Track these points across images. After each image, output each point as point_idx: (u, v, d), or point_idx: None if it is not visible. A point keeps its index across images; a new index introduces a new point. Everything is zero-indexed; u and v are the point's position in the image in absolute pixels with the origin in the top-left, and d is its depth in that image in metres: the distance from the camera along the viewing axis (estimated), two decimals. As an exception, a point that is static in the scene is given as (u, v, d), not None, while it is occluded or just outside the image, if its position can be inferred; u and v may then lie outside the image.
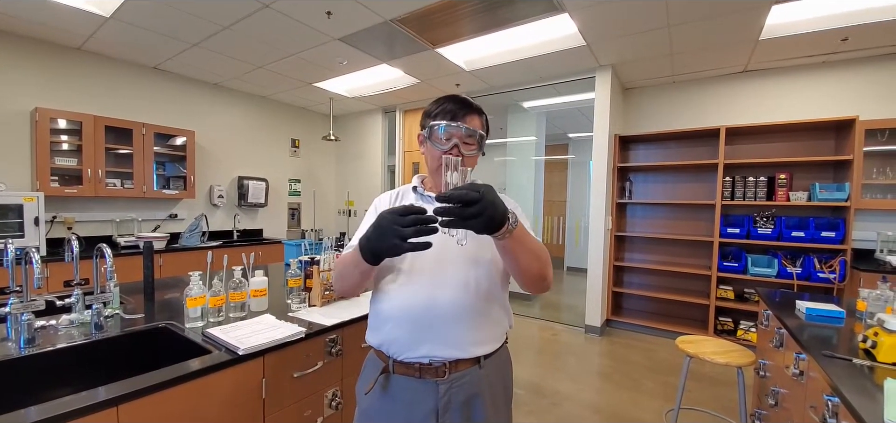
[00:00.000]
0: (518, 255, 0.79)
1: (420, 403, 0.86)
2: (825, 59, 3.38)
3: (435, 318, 0.86)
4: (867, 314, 1.53)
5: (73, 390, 0.95)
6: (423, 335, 0.86)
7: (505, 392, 0.96)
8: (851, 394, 0.94)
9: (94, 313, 1.27)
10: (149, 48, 3.50)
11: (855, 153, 3.06)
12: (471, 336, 0.88)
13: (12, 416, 0.79)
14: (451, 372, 0.86)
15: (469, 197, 0.65)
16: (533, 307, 4.94)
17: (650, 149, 4.21)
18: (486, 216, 0.66)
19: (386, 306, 0.91)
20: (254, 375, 1.19)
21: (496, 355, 0.93)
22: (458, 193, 0.66)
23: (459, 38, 3.21)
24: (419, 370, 0.86)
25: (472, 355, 0.88)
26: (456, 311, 0.86)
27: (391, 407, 0.89)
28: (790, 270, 3.33)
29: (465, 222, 0.67)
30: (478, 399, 0.88)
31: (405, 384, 0.88)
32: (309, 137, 5.66)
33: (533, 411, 2.45)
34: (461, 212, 0.66)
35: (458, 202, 0.66)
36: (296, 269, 1.69)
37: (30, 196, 2.97)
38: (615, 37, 3.10)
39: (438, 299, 0.86)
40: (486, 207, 0.66)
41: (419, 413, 0.86)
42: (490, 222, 0.67)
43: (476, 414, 0.88)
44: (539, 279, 0.84)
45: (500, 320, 0.95)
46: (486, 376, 0.90)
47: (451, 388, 0.86)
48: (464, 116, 0.93)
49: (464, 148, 0.91)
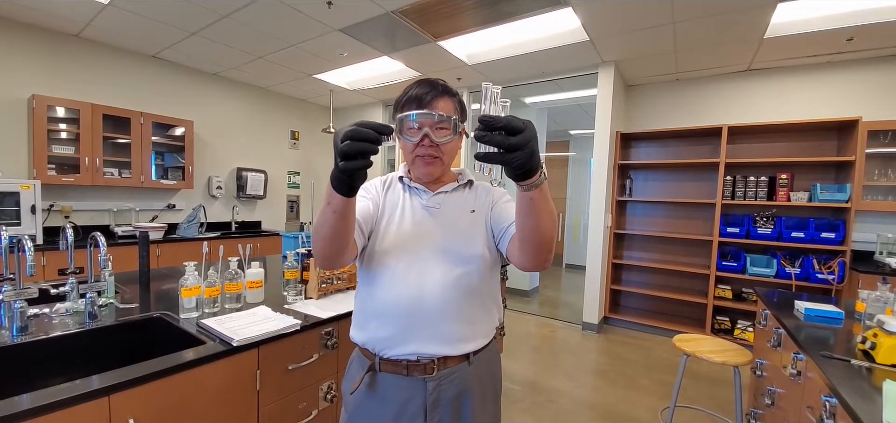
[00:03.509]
0: (541, 211, 0.69)
1: (408, 401, 0.84)
2: (830, 59, 3.36)
3: (423, 314, 0.83)
4: (866, 316, 1.53)
5: (65, 379, 0.95)
6: (410, 332, 0.83)
7: (494, 387, 0.94)
8: (849, 395, 0.93)
9: (88, 301, 1.27)
10: (147, 36, 3.47)
11: (857, 154, 3.04)
12: (460, 332, 0.85)
13: (4, 403, 0.78)
14: (440, 369, 0.84)
15: (514, 124, 0.57)
16: (531, 304, 4.95)
17: (651, 147, 4.19)
18: (528, 150, 0.58)
19: (371, 303, 0.88)
20: (248, 366, 1.18)
21: (485, 350, 0.91)
22: (504, 119, 0.57)
23: (462, 31, 3.18)
24: (407, 367, 0.84)
25: (461, 352, 0.85)
26: (444, 306, 0.83)
27: (378, 406, 0.86)
28: (789, 270, 3.33)
29: (508, 154, 0.58)
30: (467, 395, 0.86)
31: (392, 382, 0.85)
32: (309, 129, 5.63)
33: (528, 408, 2.45)
34: (505, 141, 0.57)
35: (502, 129, 0.57)
36: (292, 261, 1.68)
37: (26, 184, 2.96)
38: (619, 32, 3.07)
39: (426, 294, 0.83)
40: (529, 138, 0.58)
41: (407, 412, 0.84)
42: (530, 158, 0.59)
43: (465, 411, 0.86)
44: (548, 247, 0.76)
45: (490, 315, 0.92)
46: (476, 373, 0.88)
47: (440, 385, 0.84)
48: (432, 100, 0.86)
49: (438, 135, 0.82)
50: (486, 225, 0.90)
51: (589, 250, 3.93)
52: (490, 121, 0.58)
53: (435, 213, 0.91)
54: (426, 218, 0.90)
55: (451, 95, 0.89)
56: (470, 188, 0.96)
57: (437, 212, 0.91)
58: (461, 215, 0.91)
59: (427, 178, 0.92)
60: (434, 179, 0.93)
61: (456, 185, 0.95)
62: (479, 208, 0.92)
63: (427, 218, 0.90)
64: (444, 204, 0.92)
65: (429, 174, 0.90)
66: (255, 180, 4.78)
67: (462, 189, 0.96)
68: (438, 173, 0.92)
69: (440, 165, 0.89)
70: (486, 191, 0.96)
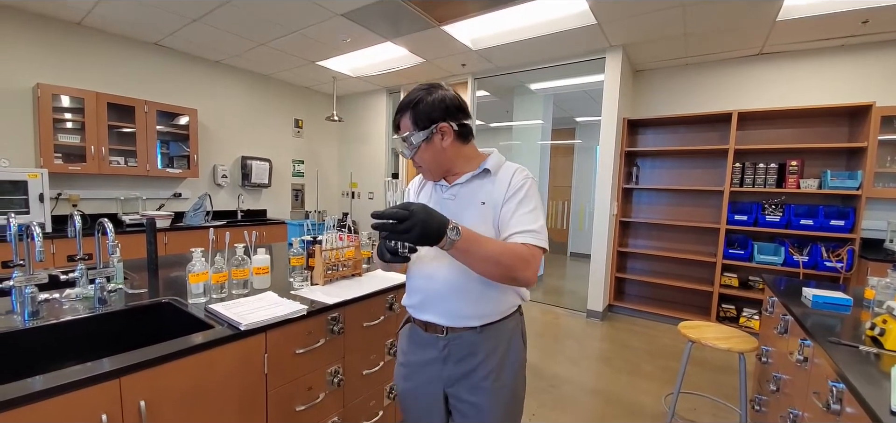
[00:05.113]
0: (470, 263, 0.88)
1: (429, 347, 1.06)
2: (843, 42, 3.27)
3: (434, 293, 1.01)
4: (875, 303, 1.51)
5: (77, 362, 0.96)
6: (425, 305, 1.04)
7: (510, 358, 1.02)
8: (857, 380, 0.92)
9: (97, 287, 1.28)
10: (148, 23, 3.45)
11: (870, 141, 2.98)
12: (463, 310, 0.99)
13: (17, 384, 0.80)
14: (449, 333, 1.01)
15: (399, 215, 0.76)
16: (535, 292, 4.96)
17: (659, 133, 4.13)
18: (415, 231, 0.76)
19: (409, 279, 1.11)
20: (256, 350, 1.19)
21: (496, 325, 1.01)
22: (390, 211, 0.77)
23: (466, 15, 3.13)
24: (425, 326, 1.06)
25: (466, 325, 0.99)
26: (451, 289, 0.98)
27: (413, 347, 1.11)
28: (797, 258, 3.30)
29: (399, 236, 0.78)
30: (476, 357, 1.00)
31: (419, 333, 1.08)
32: (312, 117, 5.61)
33: (530, 393, 2.47)
34: (393, 227, 0.77)
35: (389, 218, 0.77)
36: (298, 248, 1.68)
37: (34, 173, 2.98)
38: (627, 15, 3.00)
39: (437, 277, 1.00)
40: (415, 223, 0.76)
41: (429, 355, 1.06)
42: (422, 236, 0.78)
43: (473, 368, 1.00)
44: (505, 280, 0.93)
45: (502, 295, 1.01)
46: (486, 340, 1.00)
47: (450, 344, 1.01)
48: (398, 121, 1.00)
49: (407, 151, 1.00)
50: (494, 218, 0.97)
51: (594, 238, 3.91)
52: (378, 214, 0.78)
53: (449, 204, 1.02)
54: (442, 209, 0.97)
55: (407, 109, 0.97)
56: (487, 177, 1.01)
57: (451, 203, 1.02)
58: (471, 205, 0.99)
59: (430, 179, 1.08)
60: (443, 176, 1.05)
61: (471, 175, 1.01)
62: (490, 201, 0.98)
63: (443, 208, 0.97)
64: (458, 195, 1.02)
65: (427, 178, 1.08)
66: (259, 169, 4.80)
67: (479, 178, 1.01)
68: (432, 178, 1.05)
69: (427, 173, 1.05)
70: (502, 182, 0.99)
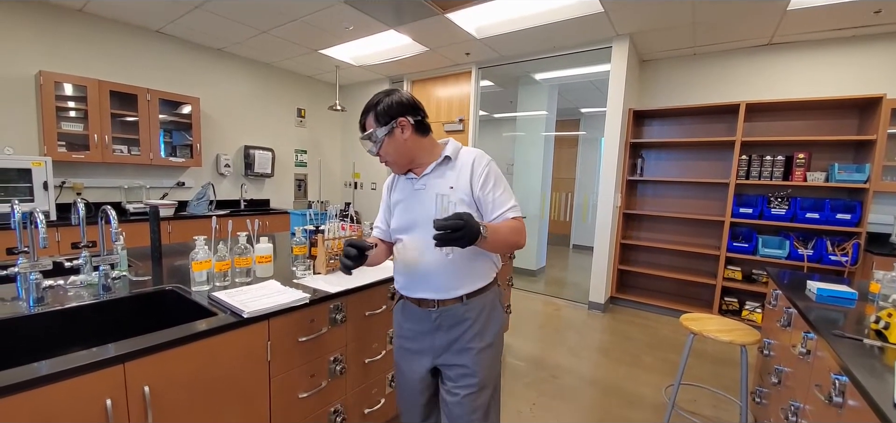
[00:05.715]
0: (494, 249, 1.13)
1: (422, 320, 1.19)
2: (855, 32, 3.20)
3: (423, 271, 1.15)
4: (881, 296, 1.50)
5: (81, 348, 0.97)
6: (415, 283, 1.18)
7: (491, 319, 1.18)
8: (860, 373, 0.92)
9: (101, 274, 1.29)
10: (150, 10, 3.43)
11: (879, 133, 2.93)
12: (449, 283, 1.14)
13: (22, 369, 0.81)
14: (440, 306, 1.15)
15: (456, 225, 0.93)
16: (537, 283, 4.96)
17: (665, 124, 4.09)
18: (467, 238, 0.95)
19: (396, 263, 1.25)
20: (259, 338, 1.20)
21: (480, 292, 1.16)
22: (450, 222, 0.93)
23: (471, 3, 3.08)
24: (418, 302, 1.19)
25: (454, 295, 1.14)
26: (438, 267, 1.13)
27: (408, 320, 1.24)
28: (801, 251, 3.27)
29: (455, 242, 0.94)
30: (463, 323, 1.15)
31: (413, 309, 1.21)
32: (315, 106, 5.58)
33: (531, 383, 2.48)
34: (450, 236, 0.93)
35: (449, 230, 0.93)
36: (301, 237, 1.69)
37: (38, 161, 2.99)
38: (635, 3, 2.94)
39: (425, 257, 1.14)
40: (467, 231, 0.94)
41: (423, 327, 1.20)
42: (470, 240, 0.96)
43: (462, 332, 1.15)
44: (512, 249, 1.19)
45: (483, 267, 1.17)
46: (471, 308, 1.15)
47: (441, 316, 1.16)
48: (362, 123, 1.14)
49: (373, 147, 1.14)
50: (466, 199, 1.12)
51: (597, 230, 3.89)
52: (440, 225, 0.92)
53: (421, 194, 1.16)
54: (416, 198, 1.17)
55: (371, 110, 1.13)
56: (448, 164, 1.16)
57: (423, 192, 1.16)
58: (441, 191, 1.13)
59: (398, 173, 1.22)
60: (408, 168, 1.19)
61: (435, 164, 1.16)
62: (457, 185, 1.13)
63: (416, 198, 1.17)
64: (428, 185, 1.16)
65: (395, 172, 1.23)
66: (262, 158, 4.79)
67: (441, 166, 1.17)
68: (399, 170, 1.20)
69: (394, 166, 1.19)
70: (465, 167, 1.15)
